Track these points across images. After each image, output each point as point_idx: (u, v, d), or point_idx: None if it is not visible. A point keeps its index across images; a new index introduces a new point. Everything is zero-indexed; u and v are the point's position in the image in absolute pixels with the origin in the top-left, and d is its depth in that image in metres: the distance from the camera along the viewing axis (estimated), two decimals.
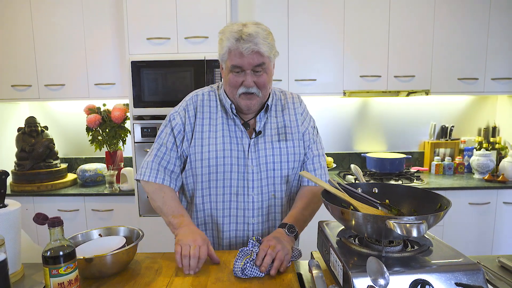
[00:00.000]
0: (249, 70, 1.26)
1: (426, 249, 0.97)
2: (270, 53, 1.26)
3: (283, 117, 1.42)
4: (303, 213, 1.36)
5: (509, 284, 1.03)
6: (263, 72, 1.28)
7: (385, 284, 0.78)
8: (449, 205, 0.96)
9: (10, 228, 1.08)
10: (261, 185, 1.36)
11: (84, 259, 1.02)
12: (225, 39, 1.26)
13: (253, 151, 1.35)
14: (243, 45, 1.21)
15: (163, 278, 1.08)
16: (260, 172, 1.35)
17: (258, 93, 1.30)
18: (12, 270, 1.09)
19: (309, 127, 1.46)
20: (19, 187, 2.68)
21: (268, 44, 1.25)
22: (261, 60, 1.25)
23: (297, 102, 1.48)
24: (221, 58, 1.32)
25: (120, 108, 2.87)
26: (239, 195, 1.36)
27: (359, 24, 2.80)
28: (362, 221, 0.92)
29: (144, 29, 2.51)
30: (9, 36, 2.76)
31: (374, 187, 1.19)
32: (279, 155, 1.37)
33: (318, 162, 1.44)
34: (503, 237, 2.70)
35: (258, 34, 1.22)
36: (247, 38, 1.21)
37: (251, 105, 1.31)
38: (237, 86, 1.29)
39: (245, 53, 1.22)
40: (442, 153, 3.23)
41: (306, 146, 1.43)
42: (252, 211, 1.36)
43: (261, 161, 1.35)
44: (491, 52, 2.83)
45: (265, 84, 1.30)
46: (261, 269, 1.07)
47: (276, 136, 1.38)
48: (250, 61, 1.24)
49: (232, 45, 1.24)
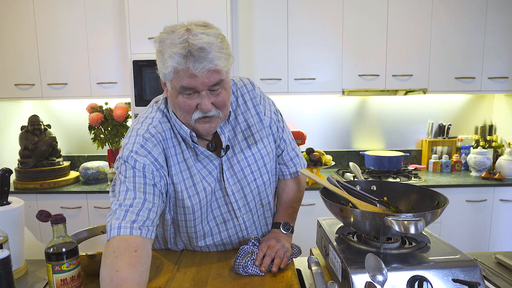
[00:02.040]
0: (204, 91, 0.99)
1: (423, 245, 0.97)
2: (227, 64, 0.99)
3: (242, 115, 1.21)
4: (292, 205, 1.32)
5: (506, 280, 1.04)
6: (221, 89, 1.02)
7: (383, 280, 0.78)
8: (447, 202, 0.96)
9: (14, 225, 1.08)
10: (247, 202, 1.21)
11: (87, 255, 1.02)
12: (168, 56, 0.95)
13: (226, 169, 1.17)
14: (195, 65, 0.93)
15: (165, 274, 1.09)
16: (242, 189, 1.20)
17: (218, 115, 1.06)
18: (16, 266, 1.09)
19: (272, 114, 1.27)
20: (22, 184, 2.69)
21: (225, 55, 0.97)
22: (218, 78, 0.99)
23: (251, 90, 1.24)
24: (163, 77, 1.02)
25: (122, 106, 2.89)
26: (227, 221, 1.22)
27: (357, 24, 2.81)
28: (361, 218, 0.92)
29: (146, 29, 2.53)
30: (12, 36, 2.77)
31: (373, 185, 1.19)
32: (255, 162, 1.20)
33: (292, 150, 1.33)
34: (499, 234, 2.71)
35: (212, 45, 0.94)
36: (198, 54, 0.93)
37: (211, 129, 1.08)
38: (190, 111, 1.03)
39: (198, 74, 0.95)
40: (439, 151, 3.25)
41: (277, 138, 1.28)
42: (246, 230, 1.25)
43: (239, 176, 1.19)
44: (488, 51, 2.84)
45: (224, 102, 1.05)
46: (260, 269, 1.07)
47: (244, 142, 1.20)
48: (205, 81, 0.97)
49: (179, 64, 0.94)
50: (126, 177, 1.01)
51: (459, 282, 0.84)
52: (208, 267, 1.13)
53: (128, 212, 0.95)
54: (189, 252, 1.26)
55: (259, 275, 1.07)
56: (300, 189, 1.37)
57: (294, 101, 3.20)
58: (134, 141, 1.06)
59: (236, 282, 1.03)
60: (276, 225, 1.27)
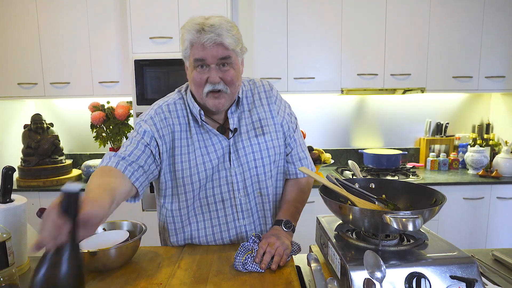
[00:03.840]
0: (213, 64, 1.15)
1: (421, 243, 0.97)
2: (235, 46, 1.16)
3: (255, 109, 1.32)
4: (295, 205, 1.34)
5: (503, 277, 1.04)
6: (229, 67, 1.17)
7: (381, 277, 0.79)
8: (444, 200, 0.97)
9: (17, 223, 1.08)
10: (246, 186, 1.29)
11: (88, 252, 1.03)
12: (186, 32, 1.15)
13: (233, 152, 1.27)
14: (204, 36, 1.11)
15: (166, 271, 1.09)
16: (243, 172, 1.28)
17: (226, 90, 1.19)
18: (18, 263, 1.09)
19: (285, 115, 1.36)
20: (25, 182, 2.71)
21: (233, 37, 1.14)
22: (225, 53, 1.15)
23: (269, 90, 1.36)
24: (184, 55, 1.21)
25: (123, 105, 2.91)
26: (225, 201, 1.29)
27: (356, 24, 2.83)
28: (360, 216, 0.93)
29: (147, 28, 2.54)
30: (15, 36, 2.79)
31: (371, 183, 1.19)
32: (259, 151, 1.29)
33: (302, 151, 1.38)
34: (496, 231, 2.74)
35: (222, 25, 1.13)
36: (209, 29, 1.12)
37: (220, 104, 1.20)
38: (202, 84, 1.18)
39: (207, 45, 1.12)
40: (437, 149, 3.27)
41: (288, 136, 1.36)
42: (241, 213, 1.30)
43: (242, 160, 1.27)
44: (485, 51, 2.86)
45: (232, 80, 1.18)
46: (260, 266, 1.07)
47: (252, 132, 1.30)
48: (213, 53, 1.13)
49: (193, 37, 1.14)
50: (129, 138, 1.23)
51: (456, 278, 0.84)
52: (209, 264, 1.13)
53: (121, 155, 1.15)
54: (189, 249, 1.27)
55: (259, 271, 1.08)
56: (305, 190, 1.39)
57: (293, 100, 3.21)
58: (147, 113, 1.27)
59: (236, 279, 1.03)
60: (278, 223, 1.28)
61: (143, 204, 2.62)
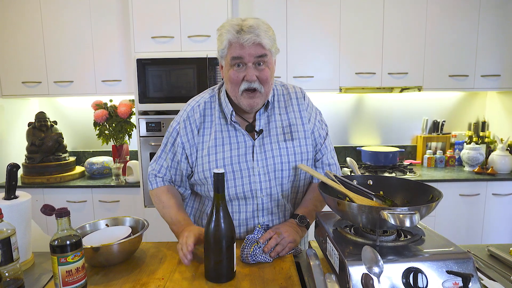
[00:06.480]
0: (250, 63, 1.18)
1: (418, 238, 0.98)
2: (271, 46, 1.20)
3: (287, 114, 1.35)
4: (314, 203, 1.35)
5: (498, 272, 1.06)
6: (265, 66, 1.21)
7: (379, 272, 0.80)
8: (441, 196, 0.98)
9: (21, 219, 1.10)
10: (269, 186, 1.29)
11: (91, 248, 1.04)
12: (225, 32, 1.19)
13: (258, 152, 1.29)
14: (243, 36, 1.15)
15: (167, 266, 1.11)
16: (268, 173, 1.29)
17: (261, 89, 1.22)
18: (23, 258, 1.11)
19: (316, 122, 1.38)
20: (30, 179, 2.74)
21: (269, 37, 1.19)
22: (262, 52, 1.18)
23: (301, 97, 1.38)
24: (220, 54, 1.24)
25: (126, 103, 2.93)
26: (247, 199, 1.30)
27: (354, 23, 2.84)
28: (358, 212, 0.94)
29: (149, 28, 2.56)
30: (20, 35, 2.81)
31: (369, 179, 1.20)
32: (286, 155, 1.30)
33: (331, 158, 1.41)
34: (492, 227, 2.76)
35: (259, 26, 1.17)
36: (248, 29, 1.15)
37: (254, 104, 1.23)
38: (238, 82, 1.21)
39: (246, 45, 1.16)
40: (434, 146, 3.29)
41: (318, 143, 1.38)
42: (262, 212, 1.31)
43: (268, 162, 1.29)
44: (481, 50, 2.88)
45: (267, 79, 1.22)
46: (264, 249, 1.10)
47: (281, 136, 1.31)
48: (251, 52, 1.17)
49: (233, 37, 1.17)
50: (163, 143, 1.39)
51: (453, 273, 0.85)
52: None
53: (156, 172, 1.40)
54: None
55: (268, 261, 1.10)
56: None
57: None
58: (181, 115, 1.36)
59: (237, 274, 1.05)
60: (294, 216, 1.31)
61: (145, 201, 2.65)
